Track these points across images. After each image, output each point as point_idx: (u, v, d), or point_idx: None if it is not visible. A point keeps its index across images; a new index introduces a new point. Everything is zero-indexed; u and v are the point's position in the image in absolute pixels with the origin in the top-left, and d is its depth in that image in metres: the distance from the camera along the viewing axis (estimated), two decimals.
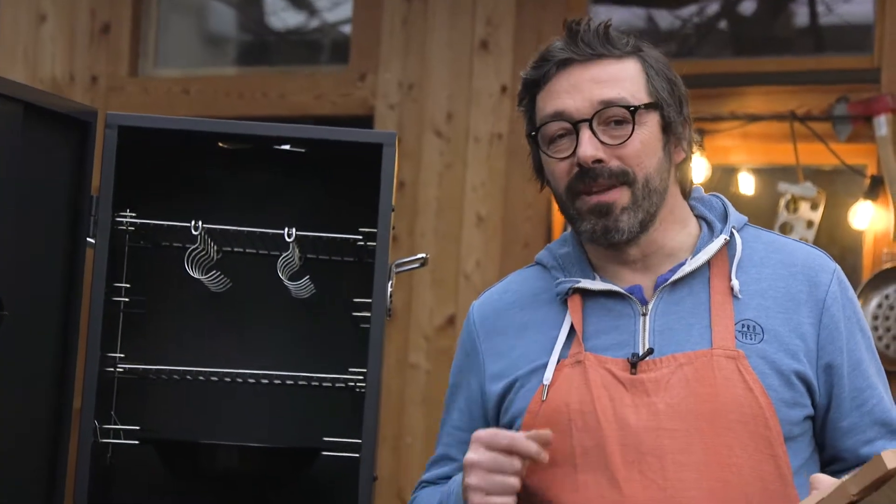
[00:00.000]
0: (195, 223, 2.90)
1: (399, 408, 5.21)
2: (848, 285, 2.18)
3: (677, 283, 2.14)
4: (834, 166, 4.87)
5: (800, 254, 2.18)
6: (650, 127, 2.13)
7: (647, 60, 2.16)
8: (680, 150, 2.18)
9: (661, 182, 2.13)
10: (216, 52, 6.39)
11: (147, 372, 2.99)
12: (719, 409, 2.05)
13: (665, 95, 2.15)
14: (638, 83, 2.14)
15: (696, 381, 2.06)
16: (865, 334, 2.17)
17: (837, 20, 5.34)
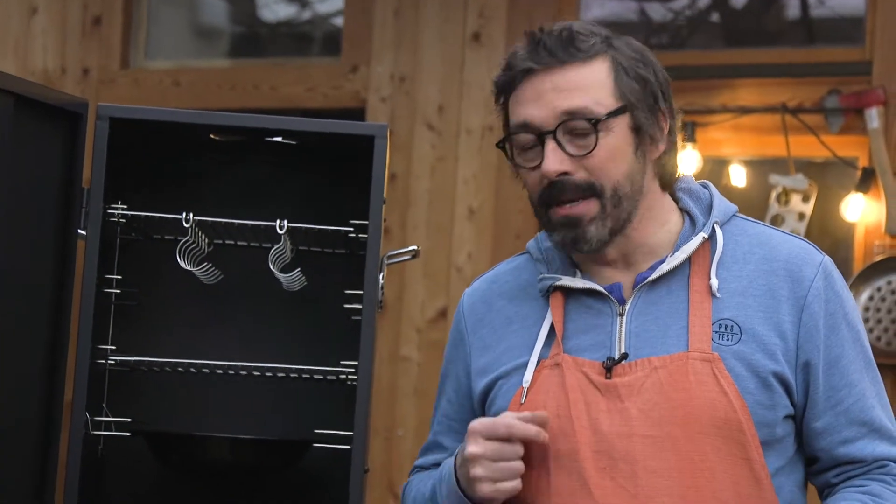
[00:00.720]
0: (186, 215, 2.90)
1: (390, 400, 5.21)
2: (836, 279, 2.12)
3: (656, 282, 2.11)
4: (825, 158, 4.88)
5: (784, 248, 2.13)
6: (617, 133, 2.08)
7: (617, 59, 2.09)
8: (656, 146, 2.13)
9: (634, 186, 2.09)
10: (207, 45, 6.38)
11: (138, 364, 2.99)
12: (692, 413, 2.02)
13: (634, 96, 2.09)
14: (604, 88, 2.08)
15: (669, 386, 2.04)
16: (853, 329, 2.12)
17: (829, 12, 5.35)
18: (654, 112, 2.11)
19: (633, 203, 2.10)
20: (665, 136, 2.13)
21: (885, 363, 4.60)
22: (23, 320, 2.77)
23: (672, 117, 2.15)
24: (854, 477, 2.11)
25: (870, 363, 2.14)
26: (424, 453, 2.38)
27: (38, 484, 2.83)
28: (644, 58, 2.12)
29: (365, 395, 2.81)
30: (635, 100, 2.09)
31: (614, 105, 2.07)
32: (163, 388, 3.05)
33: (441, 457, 2.31)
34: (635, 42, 2.15)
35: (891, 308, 4.60)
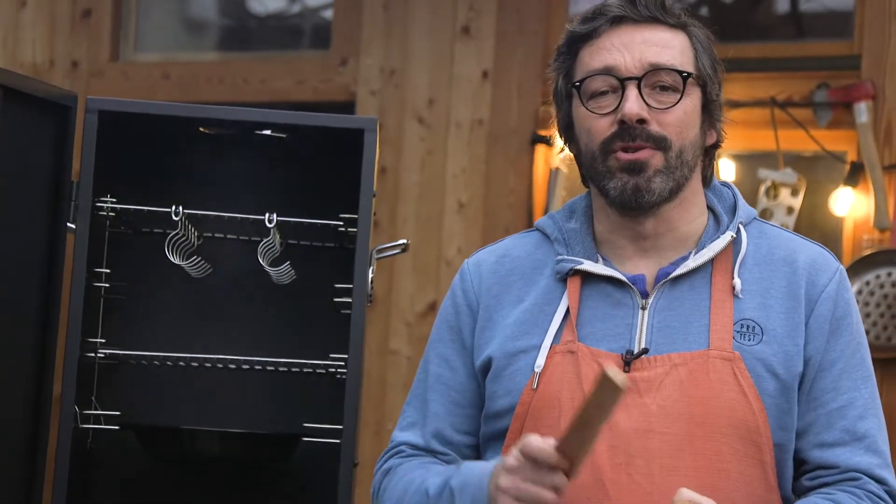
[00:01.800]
0: (176, 209, 2.90)
1: (380, 394, 5.21)
2: (848, 287, 2.14)
3: (679, 278, 2.09)
4: (814, 153, 4.88)
5: (804, 252, 2.13)
6: (693, 100, 2.11)
7: (696, 37, 2.15)
8: (713, 132, 2.16)
9: (693, 157, 2.11)
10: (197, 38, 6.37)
11: (128, 357, 2.99)
12: (712, 412, 2.01)
13: (710, 73, 2.14)
14: (687, 55, 2.13)
15: (689, 383, 2.03)
16: (855, 339, 2.11)
17: (818, 7, 5.35)
18: (719, 96, 2.16)
19: (689, 173, 2.11)
20: (719, 128, 2.17)
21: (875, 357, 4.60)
22: (12, 313, 2.77)
23: (723, 113, 2.19)
24: (826, 484, 2.08)
25: (868, 378, 2.13)
26: (411, 427, 2.27)
27: (27, 477, 2.83)
28: (713, 49, 2.18)
29: (354, 388, 2.81)
30: (711, 76, 2.14)
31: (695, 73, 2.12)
32: (152, 382, 3.05)
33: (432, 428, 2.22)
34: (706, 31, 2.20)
35: (879, 302, 4.61)
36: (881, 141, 4.68)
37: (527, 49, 5.13)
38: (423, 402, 2.25)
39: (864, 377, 2.12)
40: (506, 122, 5.07)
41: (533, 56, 5.12)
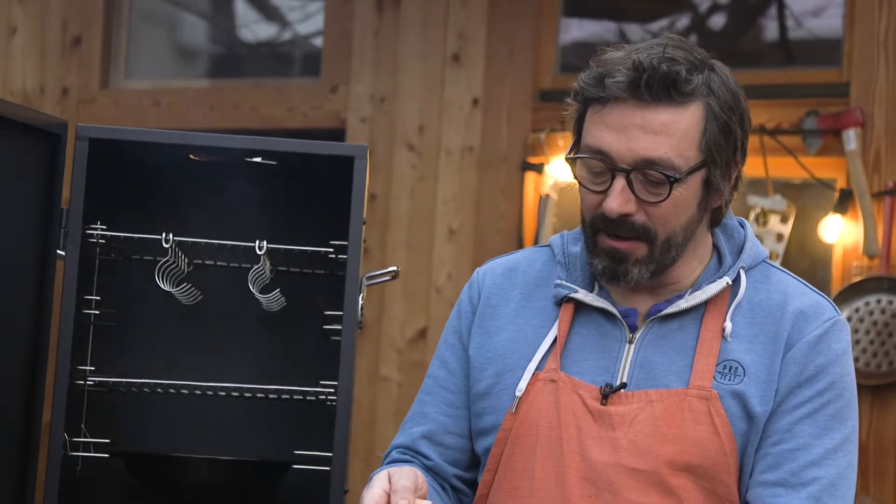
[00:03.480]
0: (166, 236, 2.90)
1: (370, 421, 5.20)
2: (840, 339, 2.05)
3: (670, 316, 2.07)
4: (804, 180, 4.89)
5: (799, 300, 2.07)
6: (690, 185, 2.01)
7: (711, 107, 2.01)
8: (721, 196, 2.07)
9: (687, 234, 2.05)
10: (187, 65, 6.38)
11: (117, 385, 2.99)
12: (683, 450, 1.99)
13: (717, 151, 2.01)
14: (691, 138, 1.99)
15: (663, 420, 2.01)
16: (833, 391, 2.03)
17: (806, 34, 5.37)
18: (729, 166, 2.05)
19: (681, 250, 2.06)
20: (731, 187, 2.08)
21: (864, 384, 4.61)
22: (1, 340, 2.76)
23: (743, 164, 2.08)
24: None
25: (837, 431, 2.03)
26: (402, 428, 2.28)
27: None
28: (737, 104, 2.04)
29: (344, 415, 2.81)
30: (717, 155, 2.02)
31: (696, 158, 2.00)
32: (141, 409, 3.05)
33: (422, 429, 2.23)
34: (732, 80, 2.06)
35: (868, 329, 4.62)
36: (870, 168, 4.69)
37: (516, 76, 5.14)
38: (420, 403, 2.26)
39: (831, 429, 2.02)
40: (496, 149, 5.08)
41: (523, 83, 5.14)
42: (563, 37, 5.28)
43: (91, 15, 5.78)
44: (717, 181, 2.03)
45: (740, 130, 2.04)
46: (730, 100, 2.03)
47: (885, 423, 4.59)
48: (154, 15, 6.19)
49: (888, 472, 4.57)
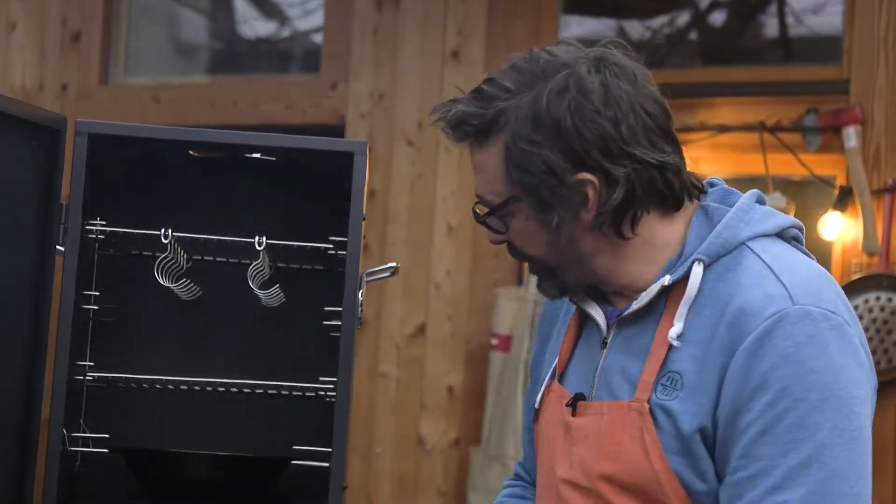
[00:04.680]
0: (165, 231, 2.90)
1: (369, 417, 5.20)
2: (787, 335, 1.79)
3: (637, 316, 1.93)
4: (803, 177, 4.90)
5: (748, 294, 1.84)
6: (520, 217, 1.92)
7: (507, 143, 1.89)
8: (583, 212, 1.89)
9: (564, 256, 1.93)
10: (187, 61, 6.38)
11: (116, 380, 2.99)
12: (619, 469, 1.88)
13: (525, 183, 1.89)
14: (496, 175, 1.92)
15: (605, 437, 1.90)
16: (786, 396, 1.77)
17: (806, 31, 5.37)
18: (559, 188, 1.88)
19: (576, 268, 1.95)
20: (594, 202, 1.88)
21: None
22: (0, 336, 2.76)
23: (606, 173, 1.87)
24: None
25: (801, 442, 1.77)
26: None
27: (15, 500, 2.82)
28: (543, 123, 1.87)
29: (344, 411, 2.80)
30: (527, 186, 1.89)
31: (507, 192, 1.91)
32: (140, 405, 3.04)
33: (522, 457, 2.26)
34: (546, 92, 1.87)
35: (868, 327, 4.62)
36: (870, 165, 4.69)
37: None
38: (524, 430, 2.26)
39: (796, 442, 1.77)
40: None
41: None
42: (562, 34, 5.28)
43: (90, 11, 5.78)
44: (555, 205, 1.89)
45: (561, 148, 1.86)
46: (528, 127, 1.87)
47: (883, 421, 4.59)
48: (153, 11, 6.19)
49: (886, 469, 4.58)
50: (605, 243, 1.93)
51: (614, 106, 1.87)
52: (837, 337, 1.80)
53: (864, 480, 1.81)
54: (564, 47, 1.95)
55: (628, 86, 1.90)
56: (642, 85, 1.93)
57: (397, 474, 5.21)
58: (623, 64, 1.93)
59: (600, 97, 1.87)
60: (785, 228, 1.95)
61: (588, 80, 1.88)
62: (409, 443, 5.18)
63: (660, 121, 1.93)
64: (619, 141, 1.86)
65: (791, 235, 1.97)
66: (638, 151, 1.88)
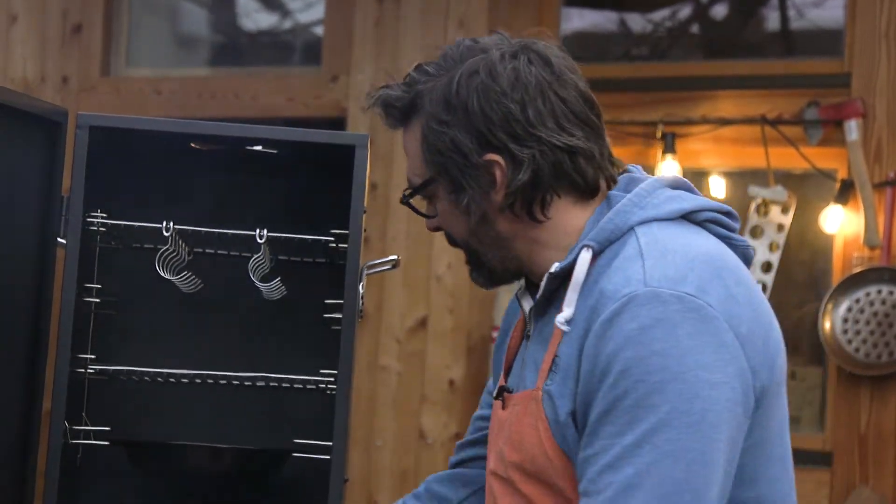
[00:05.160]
0: (166, 224, 2.90)
1: (370, 410, 5.21)
2: (635, 317, 1.77)
3: (547, 305, 1.95)
4: (805, 170, 4.89)
5: (611, 278, 1.84)
6: (441, 197, 1.99)
7: (423, 122, 1.97)
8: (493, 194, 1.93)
9: (484, 238, 1.97)
10: (188, 53, 6.38)
11: (118, 373, 2.99)
12: (524, 457, 1.90)
13: (438, 162, 1.95)
14: (418, 156, 1.99)
15: (514, 426, 1.92)
16: (628, 378, 1.76)
17: (808, 24, 5.37)
18: (467, 168, 1.93)
19: (497, 251, 1.98)
20: (502, 182, 1.92)
21: (864, 374, 4.61)
22: (1, 329, 2.76)
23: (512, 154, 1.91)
24: None
25: (638, 422, 1.75)
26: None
27: (16, 493, 2.82)
28: (452, 104, 1.94)
29: (344, 404, 2.80)
30: (440, 167, 1.96)
31: (425, 174, 1.99)
32: (142, 397, 3.04)
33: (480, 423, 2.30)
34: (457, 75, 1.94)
35: (869, 319, 4.62)
36: (871, 158, 4.69)
37: None
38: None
39: (633, 422, 1.75)
40: None
41: None
42: (564, 26, 5.28)
43: (91, 3, 5.78)
44: (466, 185, 1.94)
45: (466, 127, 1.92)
46: (440, 104, 1.94)
47: (885, 414, 4.60)
48: (154, 3, 6.18)
49: (887, 462, 4.58)
50: (521, 227, 1.96)
51: (522, 89, 1.91)
52: (692, 320, 1.77)
53: (699, 466, 1.75)
54: (491, 37, 2.00)
55: (541, 71, 1.94)
56: (560, 72, 1.96)
57: (398, 467, 5.21)
58: (543, 53, 1.97)
59: (509, 80, 1.91)
60: (690, 212, 1.94)
61: (499, 65, 1.93)
62: (410, 436, 5.18)
63: (574, 107, 1.95)
64: (525, 122, 1.90)
65: (704, 219, 1.95)
66: (543, 133, 1.91)
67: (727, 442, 1.77)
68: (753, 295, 1.87)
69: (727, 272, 1.85)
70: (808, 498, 4.70)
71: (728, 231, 1.97)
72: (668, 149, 4.88)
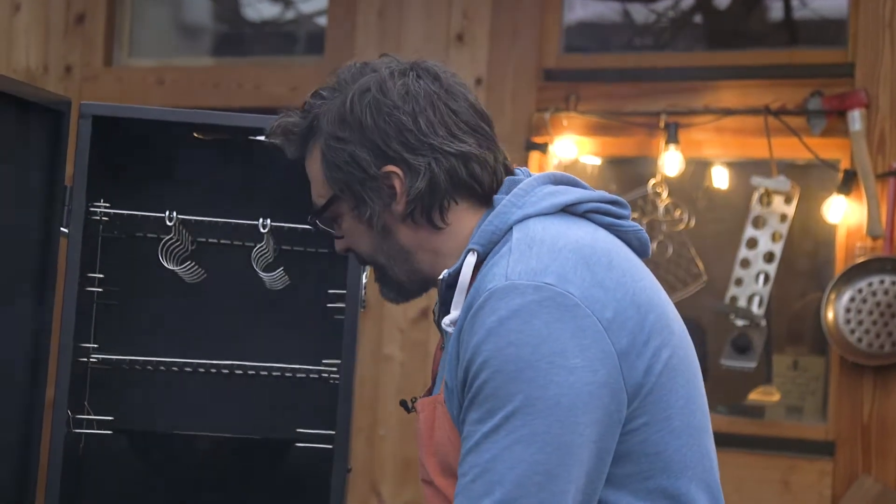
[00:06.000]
0: (169, 213, 2.90)
1: (373, 399, 5.21)
2: (495, 310, 1.82)
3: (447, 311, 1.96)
4: (808, 160, 4.89)
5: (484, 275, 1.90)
6: (346, 216, 2.03)
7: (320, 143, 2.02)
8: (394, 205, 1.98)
9: (390, 252, 2.02)
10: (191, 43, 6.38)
11: (121, 362, 2.99)
12: (441, 460, 1.95)
13: (339, 180, 2.00)
14: (319, 178, 2.04)
15: (426, 432, 1.98)
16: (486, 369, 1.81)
17: (811, 14, 5.36)
18: (367, 181, 1.99)
19: (402, 264, 2.03)
20: (402, 192, 1.98)
21: (867, 364, 4.61)
22: (5, 318, 2.76)
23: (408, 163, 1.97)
24: None
25: (493, 412, 1.81)
26: None
27: (19, 482, 2.83)
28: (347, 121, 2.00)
29: (347, 394, 2.81)
30: (341, 183, 2.00)
31: (327, 193, 2.03)
32: (145, 387, 3.05)
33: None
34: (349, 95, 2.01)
35: (872, 310, 4.62)
36: (874, 149, 4.69)
37: (520, 56, 5.14)
38: None
39: (492, 411, 1.82)
40: (500, 128, 5.04)
41: (527, 63, 5.13)
42: (567, 16, 5.27)
43: None
44: (368, 199, 1.99)
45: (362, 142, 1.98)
46: (335, 126, 2.00)
47: (887, 404, 4.60)
48: None
49: (890, 452, 4.58)
50: (423, 237, 2.01)
51: (412, 101, 1.98)
52: (549, 308, 1.82)
53: (552, 448, 1.80)
54: (382, 59, 2.07)
55: (430, 85, 2.01)
56: (448, 86, 2.02)
57: (401, 457, 5.21)
58: (431, 69, 2.04)
59: (399, 94, 1.99)
60: (570, 205, 1.98)
61: (389, 81, 2.00)
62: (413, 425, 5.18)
63: (465, 116, 2.01)
64: (417, 132, 1.97)
65: (585, 210, 1.99)
66: (436, 141, 1.97)
67: (593, 424, 1.82)
68: (629, 278, 1.91)
69: (596, 258, 1.89)
70: (810, 488, 4.70)
71: (615, 219, 2.01)
72: (670, 139, 4.88)
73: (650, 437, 1.89)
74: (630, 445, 1.88)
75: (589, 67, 5.17)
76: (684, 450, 1.92)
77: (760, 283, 4.87)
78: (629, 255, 1.98)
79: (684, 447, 1.92)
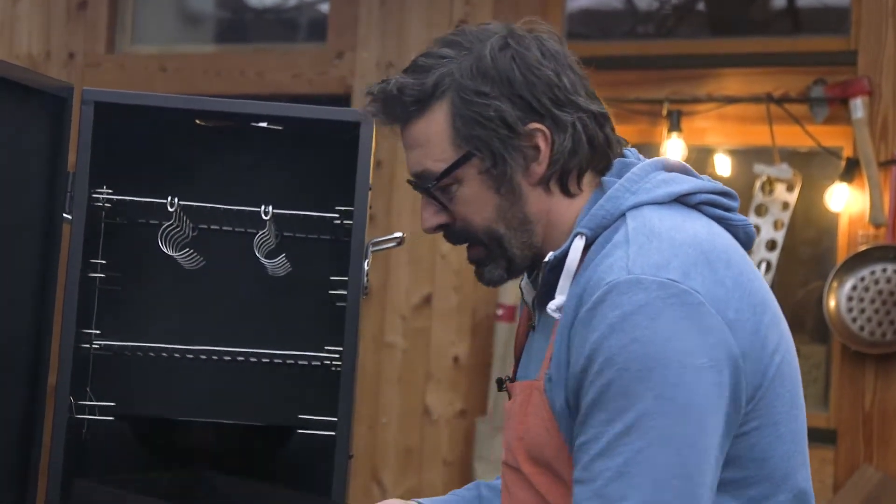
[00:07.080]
0: (171, 200, 2.90)
1: (375, 386, 5.21)
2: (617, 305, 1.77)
3: (549, 297, 1.91)
4: (810, 148, 4.89)
5: (600, 265, 1.84)
6: (470, 180, 1.93)
7: (453, 99, 1.92)
8: (534, 167, 1.92)
9: (512, 222, 1.94)
10: (194, 30, 6.37)
11: (123, 349, 2.99)
12: (531, 446, 1.91)
13: (477, 137, 1.91)
14: (442, 140, 1.92)
15: (518, 415, 1.94)
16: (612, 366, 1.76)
17: (814, 2, 5.36)
18: (511, 139, 1.91)
19: (522, 235, 1.95)
20: (546, 152, 1.92)
21: (869, 352, 4.61)
22: (7, 304, 2.76)
23: (556, 120, 1.92)
24: None
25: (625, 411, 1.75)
26: None
27: (22, 468, 2.83)
28: (490, 75, 1.91)
29: (349, 381, 2.81)
30: (479, 141, 1.91)
31: (454, 155, 1.92)
32: (147, 373, 3.05)
33: None
34: (487, 49, 1.93)
35: (874, 298, 4.62)
36: (877, 137, 4.68)
37: None
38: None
39: (621, 411, 1.75)
40: None
41: None
42: (569, 4, 5.26)
43: None
44: (507, 159, 1.91)
45: (510, 97, 1.91)
46: (475, 81, 1.91)
47: (889, 392, 4.60)
48: None
49: (892, 440, 4.58)
50: (550, 205, 1.94)
51: (552, 59, 1.94)
52: (675, 306, 1.76)
53: (689, 449, 1.75)
54: (498, 23, 2.01)
55: (557, 46, 1.97)
56: (566, 50, 1.99)
57: (403, 444, 5.22)
58: (551, 32, 2.00)
59: (540, 51, 1.93)
60: (684, 195, 1.93)
61: (525, 38, 1.94)
62: (415, 413, 5.19)
63: (586, 81, 1.98)
64: (564, 89, 1.92)
65: (698, 201, 1.94)
66: (581, 100, 1.93)
67: (718, 426, 1.78)
68: (745, 277, 1.86)
69: (716, 255, 1.84)
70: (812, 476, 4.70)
71: (725, 212, 1.96)
72: (673, 127, 4.88)
73: (759, 441, 1.85)
74: (739, 450, 1.83)
75: (591, 55, 5.16)
76: (787, 456, 1.88)
77: (762, 271, 4.87)
78: (742, 252, 1.93)
79: (788, 453, 1.88)
